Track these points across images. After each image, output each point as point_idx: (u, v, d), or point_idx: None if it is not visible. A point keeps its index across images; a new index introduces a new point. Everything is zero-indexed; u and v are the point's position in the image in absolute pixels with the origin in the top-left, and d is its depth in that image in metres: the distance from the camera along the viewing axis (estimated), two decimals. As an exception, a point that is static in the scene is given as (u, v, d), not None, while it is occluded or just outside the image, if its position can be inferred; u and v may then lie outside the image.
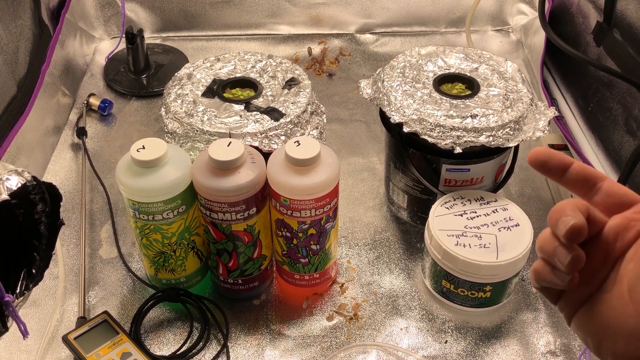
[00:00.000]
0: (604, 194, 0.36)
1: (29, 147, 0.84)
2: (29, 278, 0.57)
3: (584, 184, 0.36)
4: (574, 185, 0.37)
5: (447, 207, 0.70)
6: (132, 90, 1.02)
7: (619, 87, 0.82)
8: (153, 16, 1.14)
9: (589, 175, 0.36)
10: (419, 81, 0.74)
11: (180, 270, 0.69)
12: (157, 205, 0.62)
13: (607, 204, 0.36)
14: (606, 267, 0.35)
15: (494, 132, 0.67)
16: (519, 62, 1.10)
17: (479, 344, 0.68)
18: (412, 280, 0.75)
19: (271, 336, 0.69)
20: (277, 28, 1.16)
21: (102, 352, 0.63)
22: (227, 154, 0.60)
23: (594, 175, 0.36)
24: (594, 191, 0.36)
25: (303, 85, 0.74)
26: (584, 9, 0.94)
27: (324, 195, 0.62)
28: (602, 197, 0.36)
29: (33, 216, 0.56)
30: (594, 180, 0.36)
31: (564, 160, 0.36)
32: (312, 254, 0.67)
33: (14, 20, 0.87)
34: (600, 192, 0.36)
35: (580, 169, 0.36)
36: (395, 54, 1.06)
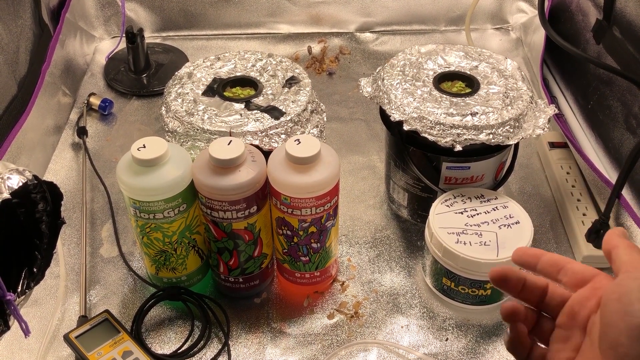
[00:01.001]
0: (570, 274, 0.43)
1: (29, 146, 0.84)
2: (30, 277, 0.57)
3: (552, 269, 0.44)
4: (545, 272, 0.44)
5: (447, 205, 0.70)
6: (132, 89, 1.02)
7: (619, 85, 0.82)
8: (153, 15, 1.14)
9: (555, 260, 0.44)
10: (419, 79, 0.74)
11: (181, 269, 0.69)
12: (158, 204, 0.62)
13: (573, 282, 0.43)
14: (577, 333, 0.41)
15: (494, 129, 0.67)
16: (519, 60, 1.10)
17: (480, 341, 0.69)
18: (413, 278, 0.75)
19: (272, 334, 0.69)
20: (277, 27, 1.16)
21: (104, 350, 0.63)
22: (228, 153, 0.60)
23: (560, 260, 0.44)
24: (561, 274, 0.43)
25: (303, 83, 0.74)
26: (584, 7, 0.94)
27: (324, 193, 0.62)
28: (568, 277, 0.43)
29: (34, 215, 0.56)
30: (560, 264, 0.43)
31: (536, 252, 0.45)
32: (313, 252, 0.68)
33: (15, 20, 0.87)
34: (567, 273, 0.43)
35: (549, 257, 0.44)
36: (395, 52, 1.06)
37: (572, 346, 0.41)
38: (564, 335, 0.42)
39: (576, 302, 0.42)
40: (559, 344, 0.42)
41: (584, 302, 0.41)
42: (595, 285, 0.41)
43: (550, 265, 0.44)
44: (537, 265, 0.44)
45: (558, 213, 0.83)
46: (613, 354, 0.36)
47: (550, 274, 0.44)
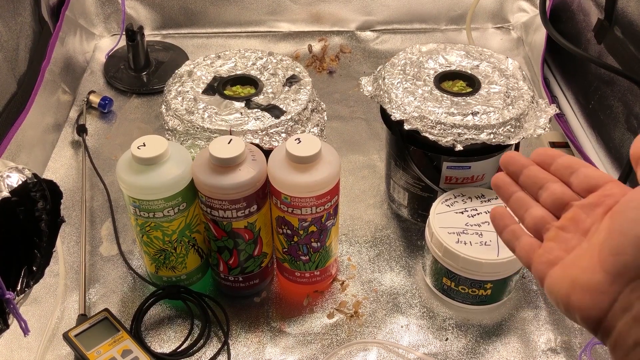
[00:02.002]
0: (582, 177, 0.41)
1: (29, 144, 0.84)
2: (29, 275, 0.57)
3: (566, 170, 0.42)
4: (558, 172, 0.43)
5: (447, 204, 0.70)
6: (132, 87, 1.02)
7: (620, 85, 0.82)
8: (153, 13, 1.14)
9: (572, 162, 0.42)
10: (419, 78, 0.73)
11: (180, 268, 0.69)
12: (158, 203, 0.62)
13: (583, 186, 0.41)
14: (577, 237, 0.40)
15: (495, 129, 0.67)
16: (520, 60, 1.09)
17: (480, 341, 0.68)
18: (413, 278, 0.75)
19: (272, 333, 0.69)
20: (278, 25, 1.16)
21: (103, 349, 0.63)
22: (228, 152, 0.60)
23: (576, 162, 0.42)
24: (574, 176, 0.42)
25: (304, 82, 0.74)
26: (585, 7, 0.94)
27: (324, 192, 0.62)
28: (579, 180, 0.41)
29: (34, 213, 0.56)
30: (576, 166, 0.42)
31: (555, 153, 0.43)
32: (313, 251, 0.67)
33: (14, 18, 0.87)
34: (579, 176, 0.41)
35: (567, 158, 0.43)
36: (395, 51, 1.06)
37: (565, 247, 0.40)
38: (561, 236, 0.40)
39: (583, 208, 0.40)
40: (552, 243, 0.41)
41: (590, 208, 0.40)
42: (606, 193, 0.39)
43: (565, 167, 0.42)
44: (552, 165, 0.43)
45: (558, 213, 0.83)
46: (613, 261, 0.35)
47: (563, 176, 0.42)
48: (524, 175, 0.44)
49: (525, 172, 0.44)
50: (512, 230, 0.45)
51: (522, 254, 0.43)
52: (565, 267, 0.39)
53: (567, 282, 0.38)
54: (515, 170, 0.45)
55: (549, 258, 0.40)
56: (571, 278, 0.37)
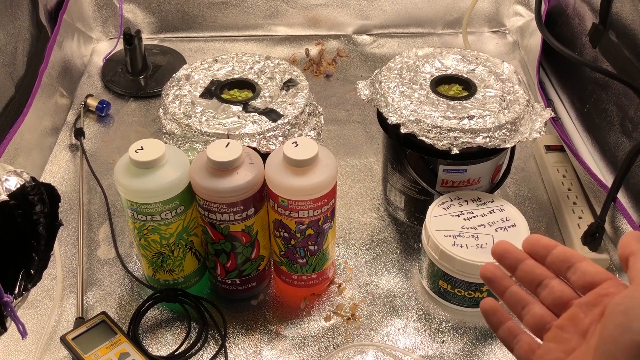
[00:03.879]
0: (579, 274, 0.40)
1: (26, 148, 0.84)
2: (27, 279, 0.57)
3: (562, 265, 0.41)
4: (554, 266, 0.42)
5: (444, 207, 0.70)
6: (129, 91, 1.02)
7: (615, 89, 0.83)
8: (150, 17, 1.14)
9: (567, 256, 0.41)
10: (416, 82, 0.74)
11: (178, 271, 0.69)
12: (156, 206, 0.62)
13: (581, 283, 0.40)
14: (576, 338, 0.39)
15: (491, 133, 0.68)
16: (515, 64, 1.10)
17: (476, 343, 0.69)
18: (409, 281, 0.75)
19: (269, 336, 0.69)
20: (275, 29, 1.16)
21: (101, 352, 0.63)
22: (226, 155, 0.60)
23: (573, 256, 0.41)
24: (571, 271, 0.41)
25: (301, 86, 0.75)
26: (580, 11, 0.95)
27: (321, 195, 0.62)
28: (577, 277, 0.40)
29: (32, 217, 0.56)
30: (572, 260, 0.41)
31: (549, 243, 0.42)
32: (310, 254, 0.68)
33: (12, 22, 0.87)
34: (577, 272, 0.40)
35: (562, 251, 0.42)
36: (392, 55, 1.06)
37: (564, 348, 0.39)
38: (560, 337, 0.40)
39: (581, 308, 0.40)
40: (553, 344, 0.40)
41: (588, 308, 0.39)
42: (602, 292, 0.39)
43: (561, 261, 0.41)
44: (547, 258, 0.42)
45: (554, 216, 0.84)
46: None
47: (559, 270, 0.42)
48: (521, 271, 0.43)
49: (521, 267, 0.43)
50: (509, 328, 0.44)
51: (522, 355, 0.42)
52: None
53: None
54: (510, 264, 0.43)
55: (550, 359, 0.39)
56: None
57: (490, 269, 0.45)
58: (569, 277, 0.41)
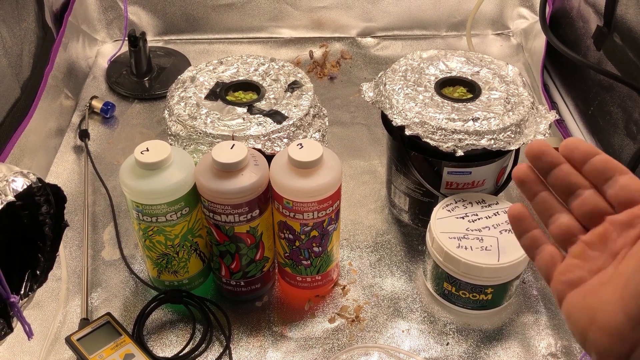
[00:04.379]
0: (618, 188, 0.36)
1: (32, 149, 0.85)
2: (33, 279, 0.57)
3: (602, 175, 0.37)
4: (592, 176, 0.37)
5: (448, 209, 0.70)
6: (134, 92, 1.03)
7: (619, 91, 0.83)
8: (155, 19, 1.15)
9: (609, 167, 0.36)
10: (420, 84, 0.74)
11: (182, 272, 0.69)
12: (161, 207, 0.62)
13: (618, 199, 0.36)
14: (604, 257, 0.35)
15: (496, 135, 0.68)
16: (520, 66, 1.10)
17: (480, 346, 0.69)
18: (414, 283, 0.75)
19: (273, 338, 0.69)
20: (279, 31, 1.16)
21: (105, 353, 0.64)
22: (231, 157, 0.60)
23: (615, 168, 0.36)
24: (609, 184, 0.36)
25: (305, 88, 0.75)
26: (584, 13, 0.95)
27: (326, 197, 0.62)
28: (615, 191, 0.36)
29: (38, 218, 0.56)
30: (613, 172, 0.36)
31: (589, 150, 0.37)
32: (314, 256, 0.68)
33: (18, 23, 0.88)
34: (615, 186, 0.36)
35: (603, 159, 0.37)
36: (396, 57, 1.06)
37: (590, 267, 0.35)
38: (587, 254, 0.36)
39: (615, 226, 0.35)
40: (577, 260, 0.36)
41: (623, 228, 0.35)
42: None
43: (600, 170, 0.37)
44: (585, 166, 0.37)
45: (558, 218, 0.83)
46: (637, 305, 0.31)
47: (597, 180, 0.37)
48: (554, 176, 0.38)
49: (555, 172, 0.38)
50: (533, 236, 0.40)
51: (542, 266, 0.39)
52: (586, 294, 0.35)
53: (586, 314, 0.34)
54: (544, 167, 0.39)
55: (570, 278, 0.36)
56: (591, 311, 0.34)
57: (523, 169, 0.40)
58: (606, 190, 0.36)
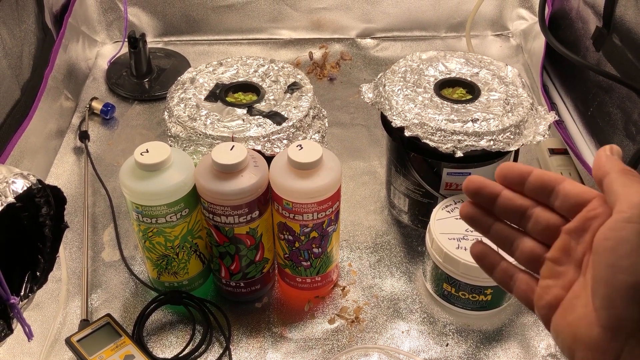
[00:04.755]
0: (562, 197, 0.36)
1: (32, 150, 0.85)
2: (33, 280, 0.57)
3: (542, 191, 0.37)
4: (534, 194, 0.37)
5: (448, 210, 0.70)
6: (134, 94, 1.03)
7: (619, 92, 0.83)
8: (155, 20, 1.15)
9: (545, 181, 0.36)
10: (420, 86, 0.74)
11: (182, 273, 0.69)
12: (161, 209, 0.62)
13: (566, 207, 0.36)
14: (572, 270, 0.35)
15: (495, 136, 0.68)
16: (519, 67, 1.10)
17: (480, 347, 0.69)
18: (413, 284, 0.75)
19: (273, 339, 0.69)
20: (279, 33, 1.16)
21: (105, 354, 0.64)
22: (230, 158, 0.60)
23: (551, 180, 0.36)
24: (553, 196, 0.36)
25: (305, 89, 0.75)
26: (584, 14, 0.95)
27: (326, 198, 0.63)
28: (560, 202, 0.36)
29: (38, 219, 0.56)
30: (551, 185, 0.36)
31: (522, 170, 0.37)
32: (314, 257, 0.68)
33: (19, 25, 0.88)
34: (559, 196, 0.36)
35: (538, 176, 0.37)
36: (395, 58, 1.06)
37: (563, 283, 0.35)
38: (555, 271, 0.36)
39: (571, 235, 0.35)
40: (550, 280, 0.36)
41: (578, 235, 0.35)
42: (589, 215, 0.34)
43: (540, 186, 0.36)
44: (525, 186, 0.37)
45: (558, 219, 0.83)
46: (606, 315, 0.31)
47: (541, 197, 0.37)
48: (499, 206, 0.38)
49: (499, 201, 0.38)
50: (503, 269, 0.40)
51: (521, 296, 0.39)
52: (565, 313, 0.35)
53: (569, 332, 0.34)
54: (487, 200, 0.39)
55: (549, 300, 0.36)
56: (572, 328, 0.34)
57: (466, 207, 0.40)
58: (552, 203, 0.36)
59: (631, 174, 0.33)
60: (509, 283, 0.40)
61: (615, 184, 0.33)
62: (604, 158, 0.35)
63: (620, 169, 0.34)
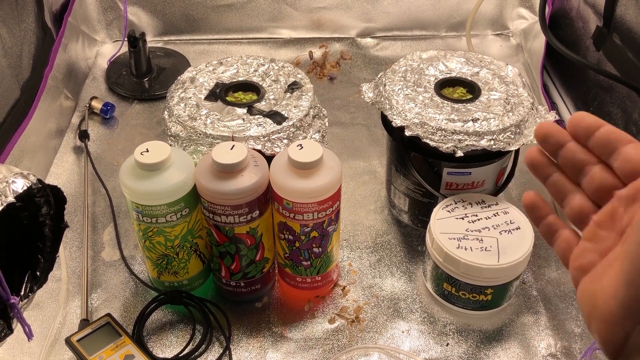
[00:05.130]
0: (621, 160, 0.34)
1: (32, 150, 0.85)
2: (33, 280, 0.57)
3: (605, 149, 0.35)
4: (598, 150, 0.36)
5: (448, 210, 0.70)
6: (134, 93, 1.03)
7: (619, 92, 0.83)
8: (155, 20, 1.15)
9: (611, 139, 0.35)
10: (420, 85, 0.74)
11: (182, 273, 0.69)
12: (161, 208, 0.62)
13: (624, 171, 0.34)
14: (613, 237, 0.34)
15: (495, 135, 0.68)
16: (519, 66, 1.10)
17: (480, 346, 0.69)
18: (414, 283, 0.75)
19: (273, 339, 0.69)
20: (279, 32, 1.16)
21: (105, 354, 0.64)
22: (231, 157, 0.60)
23: (617, 139, 0.35)
24: (614, 157, 0.35)
25: (305, 89, 0.75)
26: (584, 14, 0.95)
27: (326, 198, 0.62)
28: (619, 164, 0.34)
29: (38, 219, 0.56)
30: (615, 144, 0.35)
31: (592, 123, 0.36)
32: (314, 256, 0.68)
33: (18, 24, 0.88)
34: (619, 158, 0.34)
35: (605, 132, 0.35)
36: (395, 57, 1.06)
37: (600, 249, 0.34)
38: (598, 234, 0.35)
39: (621, 202, 0.34)
40: (589, 243, 0.35)
41: (628, 203, 0.33)
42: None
43: (603, 144, 0.35)
44: (590, 141, 0.36)
45: (558, 219, 0.83)
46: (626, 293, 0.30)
47: (603, 155, 0.36)
48: (561, 156, 0.37)
49: (562, 152, 0.37)
50: (549, 223, 0.39)
51: (560, 253, 0.38)
52: (592, 280, 0.34)
53: (589, 301, 0.34)
54: (552, 148, 0.38)
55: (582, 263, 0.35)
56: (593, 297, 0.33)
57: (532, 152, 0.39)
58: (612, 164, 0.35)
59: None
60: (551, 238, 0.39)
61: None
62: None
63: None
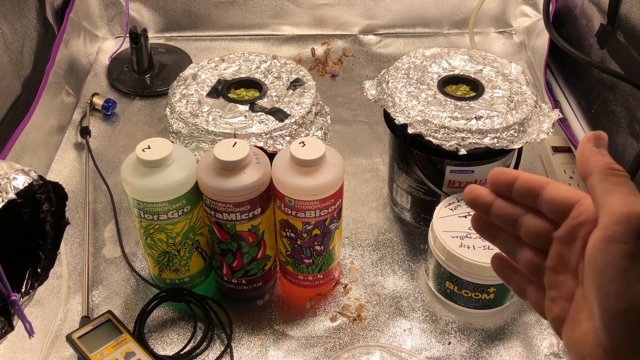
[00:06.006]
0: (547, 203, 0.34)
1: (33, 146, 0.84)
2: (34, 277, 0.57)
3: (529, 197, 0.35)
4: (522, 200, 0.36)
5: (451, 208, 0.70)
6: (135, 89, 1.02)
7: (623, 90, 0.83)
8: (157, 16, 1.14)
9: (530, 186, 0.35)
10: (423, 83, 0.74)
11: (184, 270, 0.69)
12: (162, 205, 0.62)
13: (553, 213, 0.34)
14: (570, 279, 0.34)
15: (499, 133, 0.67)
16: (522, 64, 1.10)
17: (482, 345, 0.69)
18: (416, 282, 0.75)
19: (275, 336, 0.69)
20: (281, 29, 1.16)
21: (106, 351, 0.63)
22: (233, 155, 0.60)
23: (535, 185, 0.35)
24: (539, 202, 0.35)
25: (307, 86, 0.74)
26: (588, 12, 0.94)
27: (328, 196, 0.62)
28: (546, 207, 0.34)
29: (39, 215, 0.56)
30: (536, 189, 0.35)
31: (510, 177, 0.36)
32: (316, 254, 0.68)
33: (20, 20, 0.87)
34: (544, 202, 0.34)
35: (523, 181, 0.35)
36: (398, 55, 1.06)
37: (565, 294, 0.34)
38: (556, 280, 0.35)
39: (562, 243, 0.34)
40: (553, 291, 0.35)
41: (569, 243, 0.34)
42: (575, 223, 0.33)
43: (526, 192, 0.35)
44: (512, 194, 0.36)
45: (561, 217, 0.83)
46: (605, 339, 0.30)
47: (530, 203, 0.35)
48: (493, 216, 0.37)
49: (492, 211, 0.37)
50: (517, 282, 0.39)
51: (535, 308, 0.38)
52: (572, 328, 0.34)
53: (577, 351, 0.33)
54: (483, 210, 0.38)
55: (556, 313, 0.35)
56: (579, 346, 0.33)
57: (474, 220, 0.39)
58: (541, 209, 0.35)
59: (614, 175, 0.31)
60: (524, 294, 0.39)
61: (597, 190, 0.31)
62: (587, 151, 0.32)
63: (603, 167, 0.31)
